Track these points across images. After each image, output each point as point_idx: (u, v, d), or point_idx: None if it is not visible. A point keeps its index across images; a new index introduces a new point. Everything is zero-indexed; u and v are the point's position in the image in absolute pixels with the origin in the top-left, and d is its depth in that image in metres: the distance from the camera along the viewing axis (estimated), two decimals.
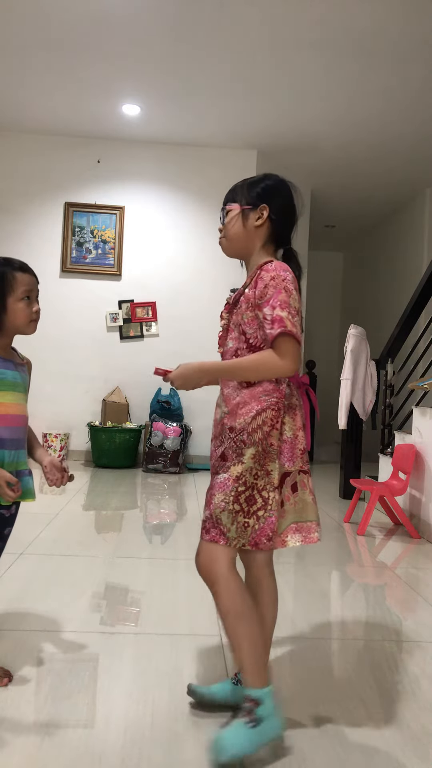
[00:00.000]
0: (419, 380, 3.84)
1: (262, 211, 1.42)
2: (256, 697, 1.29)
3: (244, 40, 3.85)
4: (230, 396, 1.40)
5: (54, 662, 1.69)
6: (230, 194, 1.49)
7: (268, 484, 1.33)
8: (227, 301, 1.52)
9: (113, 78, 4.45)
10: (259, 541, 1.32)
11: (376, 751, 1.35)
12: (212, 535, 1.33)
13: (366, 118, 4.80)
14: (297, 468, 1.38)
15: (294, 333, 1.29)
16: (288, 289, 1.32)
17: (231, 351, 1.42)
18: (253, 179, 1.48)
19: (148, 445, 5.12)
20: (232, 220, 1.46)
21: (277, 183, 1.46)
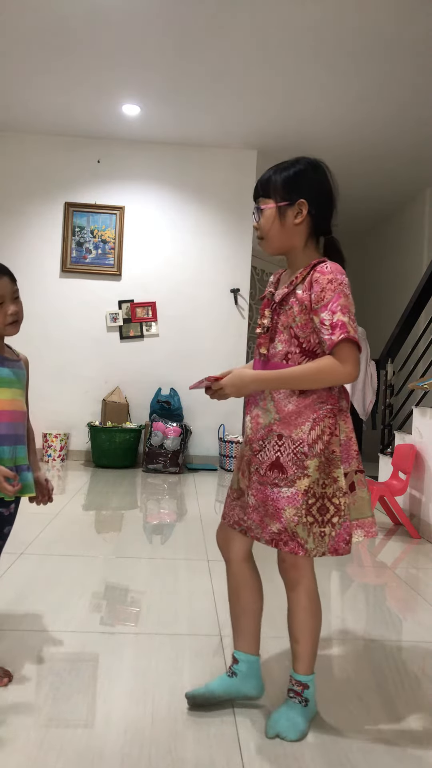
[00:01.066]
0: (419, 380, 3.84)
1: (301, 207, 1.36)
2: (306, 681, 1.43)
3: (244, 40, 3.85)
4: (282, 402, 1.35)
5: (54, 662, 1.69)
6: (262, 188, 1.40)
7: (337, 491, 1.34)
8: (266, 297, 1.45)
9: (113, 78, 4.45)
10: (338, 547, 1.35)
11: (376, 751, 1.36)
12: (291, 546, 1.34)
13: (366, 118, 4.80)
14: (353, 468, 1.39)
15: (356, 339, 1.27)
16: (346, 293, 1.30)
17: (281, 354, 1.36)
18: (284, 166, 1.39)
19: (148, 445, 5.12)
20: (268, 219, 1.38)
21: (310, 168, 1.39)
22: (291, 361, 1.35)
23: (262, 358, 1.41)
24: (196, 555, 2.77)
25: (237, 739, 1.38)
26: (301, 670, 1.44)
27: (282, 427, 1.35)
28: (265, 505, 1.36)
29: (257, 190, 1.42)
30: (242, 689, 1.50)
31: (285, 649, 1.87)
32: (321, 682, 1.65)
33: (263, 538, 1.38)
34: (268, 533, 1.36)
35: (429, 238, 6.14)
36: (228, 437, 5.32)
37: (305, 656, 1.43)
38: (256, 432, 1.40)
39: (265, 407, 1.38)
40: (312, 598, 1.43)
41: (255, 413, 1.41)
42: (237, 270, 5.57)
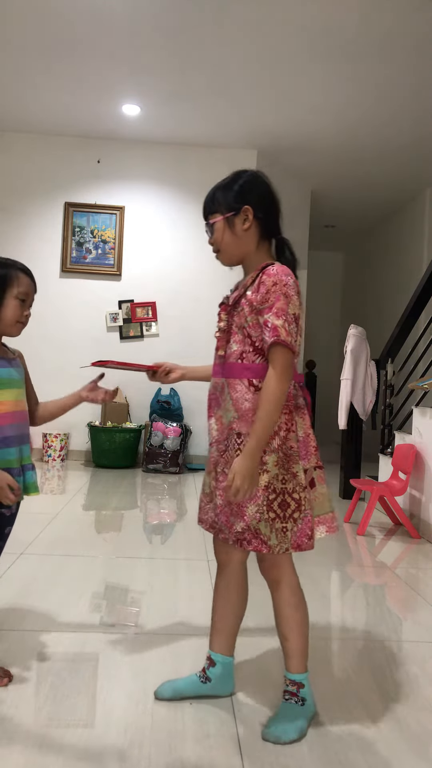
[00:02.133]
0: (419, 380, 3.84)
1: (246, 213, 1.41)
2: (299, 680, 1.44)
3: (245, 40, 3.85)
4: (239, 401, 1.39)
5: (54, 662, 1.69)
6: (208, 205, 1.47)
7: (297, 486, 1.36)
8: (224, 302, 1.51)
9: (113, 78, 4.45)
10: (300, 542, 1.37)
11: (377, 751, 1.36)
12: (254, 545, 1.36)
13: (366, 118, 4.80)
14: (312, 465, 1.41)
15: (287, 342, 1.31)
16: (288, 294, 1.34)
17: (236, 354, 1.40)
18: (225, 182, 1.46)
19: (148, 445, 5.12)
20: (219, 231, 1.45)
21: (250, 178, 1.45)
22: (245, 360, 1.38)
23: (221, 360, 1.45)
24: (196, 555, 2.77)
25: (237, 739, 1.38)
26: (293, 668, 1.44)
27: (240, 425, 1.38)
28: (230, 504, 1.38)
29: (205, 209, 1.48)
30: (213, 692, 1.53)
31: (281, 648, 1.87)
32: (321, 682, 1.65)
33: (230, 539, 1.39)
34: (233, 533, 1.38)
35: (429, 238, 6.14)
36: None
37: (296, 653, 1.44)
38: (221, 433, 1.43)
39: (225, 407, 1.42)
40: (295, 593, 1.45)
41: (218, 414, 1.44)
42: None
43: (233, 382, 1.40)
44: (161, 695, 1.52)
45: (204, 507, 1.52)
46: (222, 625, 1.54)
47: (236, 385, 1.39)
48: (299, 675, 1.44)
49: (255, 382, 1.37)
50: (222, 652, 1.54)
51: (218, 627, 1.54)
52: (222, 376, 1.44)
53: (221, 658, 1.53)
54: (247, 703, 1.52)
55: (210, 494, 1.48)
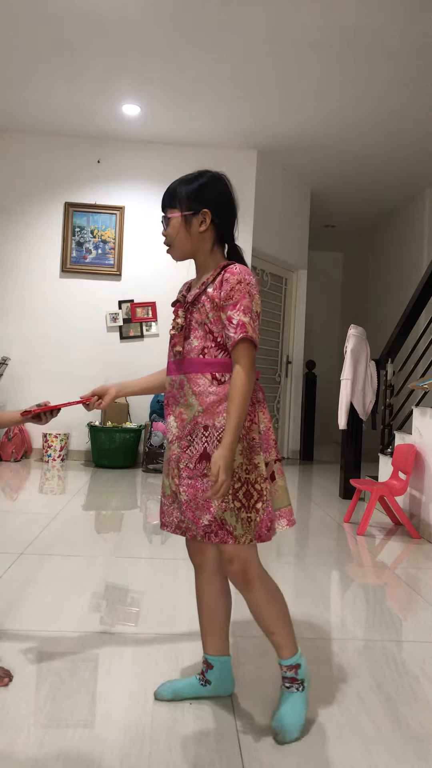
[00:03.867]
0: (419, 380, 3.84)
1: (205, 216, 1.43)
2: (295, 662, 1.44)
3: (245, 40, 3.85)
4: (203, 394, 1.40)
5: (54, 662, 1.69)
6: (168, 199, 1.49)
7: (258, 477, 1.38)
8: (179, 300, 1.52)
9: (113, 78, 4.45)
10: (261, 533, 1.38)
11: (377, 751, 1.35)
12: (221, 536, 1.36)
13: (366, 118, 4.81)
14: (272, 458, 1.44)
15: (253, 339, 1.36)
16: (252, 293, 1.38)
17: (197, 350, 1.42)
18: (188, 179, 1.47)
19: (148, 445, 5.12)
20: (174, 227, 1.47)
21: (212, 181, 1.46)
22: (207, 355, 1.40)
23: (177, 356, 1.46)
24: None
25: (237, 739, 1.38)
26: (286, 654, 1.44)
27: (206, 417, 1.39)
28: (196, 498, 1.38)
29: (164, 201, 1.50)
30: (214, 693, 1.53)
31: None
32: (321, 683, 1.65)
33: (198, 534, 1.39)
34: (201, 527, 1.38)
35: (429, 238, 6.14)
36: None
37: (282, 641, 1.44)
38: (182, 429, 1.43)
39: (186, 403, 1.42)
40: (267, 585, 1.43)
41: (178, 411, 1.45)
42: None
43: (194, 377, 1.41)
44: (161, 696, 1.52)
45: (167, 509, 1.49)
46: (212, 627, 1.53)
47: (198, 380, 1.41)
48: (293, 658, 1.44)
49: (218, 376, 1.39)
50: (217, 654, 1.53)
51: (208, 629, 1.54)
52: (180, 372, 1.45)
53: (217, 659, 1.53)
54: (247, 702, 1.52)
55: (172, 494, 1.46)
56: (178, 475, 1.43)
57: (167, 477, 1.49)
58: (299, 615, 2.13)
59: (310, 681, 1.49)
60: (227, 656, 1.54)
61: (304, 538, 3.38)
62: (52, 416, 1.69)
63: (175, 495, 1.46)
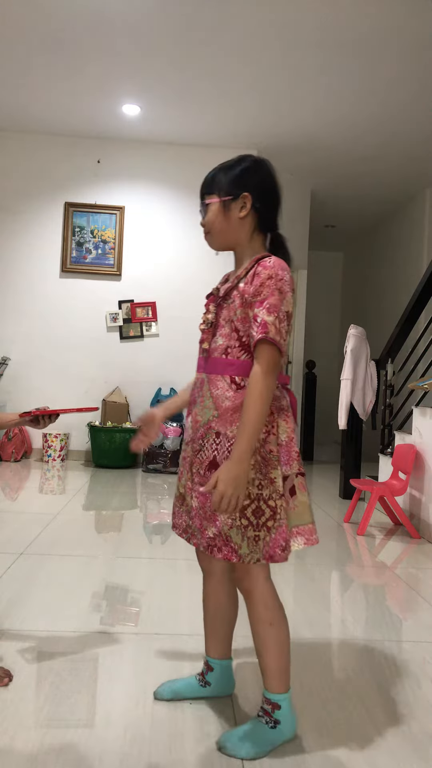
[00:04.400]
0: (419, 380, 3.84)
1: (245, 200, 1.34)
2: (276, 700, 1.34)
3: (244, 40, 3.85)
4: (220, 398, 1.31)
5: (54, 662, 1.69)
6: (207, 185, 1.40)
7: (273, 493, 1.28)
8: (213, 293, 1.44)
9: (113, 78, 4.45)
10: (273, 553, 1.28)
11: (376, 751, 1.35)
12: (224, 553, 1.28)
13: (366, 118, 4.80)
14: (294, 471, 1.33)
15: (276, 341, 1.24)
16: (283, 290, 1.27)
17: (221, 348, 1.33)
18: (228, 164, 1.38)
19: (149, 445, 5.12)
20: (213, 214, 1.37)
21: (254, 165, 1.37)
22: (230, 356, 1.32)
23: (203, 353, 1.39)
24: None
25: None
26: (269, 687, 1.34)
27: (219, 424, 1.30)
28: (204, 508, 1.31)
29: (202, 189, 1.41)
30: (213, 694, 1.52)
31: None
32: (321, 682, 1.65)
33: (202, 545, 1.33)
34: (205, 538, 1.31)
35: (429, 238, 6.14)
36: None
37: (270, 672, 1.34)
38: (196, 431, 1.35)
39: (203, 404, 1.34)
40: (269, 607, 1.33)
41: (194, 411, 1.37)
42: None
43: (214, 378, 1.33)
44: (160, 696, 1.52)
45: (177, 511, 1.44)
46: (215, 631, 1.51)
47: (217, 382, 1.32)
48: (276, 695, 1.33)
49: (237, 379, 1.30)
50: (218, 657, 1.51)
51: (211, 633, 1.52)
52: (204, 371, 1.37)
53: (218, 663, 1.51)
54: (247, 703, 1.52)
55: (181, 496, 1.41)
56: (191, 478, 1.37)
57: (179, 478, 1.44)
58: (299, 615, 2.13)
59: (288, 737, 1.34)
60: (228, 660, 1.53)
61: None
62: (50, 421, 1.68)
63: (184, 497, 1.41)
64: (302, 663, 1.78)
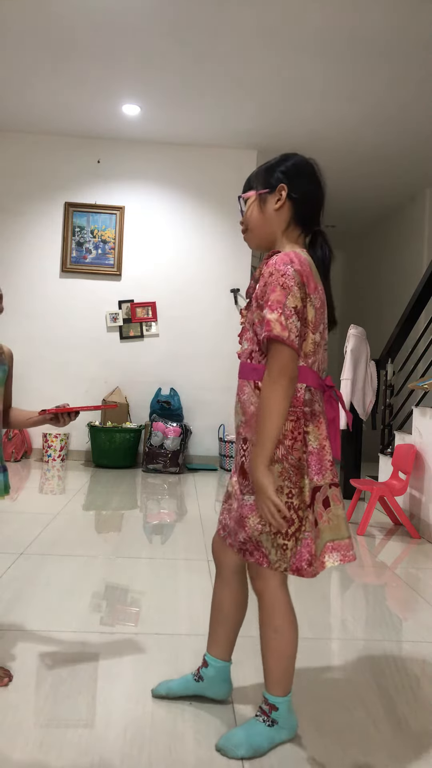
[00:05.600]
0: (419, 380, 3.84)
1: (281, 191, 1.30)
2: (274, 702, 1.34)
3: (245, 40, 3.85)
4: (246, 403, 1.30)
5: (54, 662, 1.69)
6: (247, 183, 1.38)
7: (301, 503, 1.24)
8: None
9: (113, 78, 4.45)
10: (300, 567, 1.25)
11: (377, 751, 1.35)
12: (256, 557, 1.28)
13: (366, 118, 4.80)
14: (327, 481, 1.28)
15: (282, 338, 1.18)
16: (286, 285, 1.20)
17: (246, 353, 1.31)
18: (270, 162, 1.35)
19: (148, 445, 5.12)
20: (250, 208, 1.34)
21: (297, 162, 1.33)
22: (254, 360, 1.28)
23: (239, 357, 1.37)
24: (196, 555, 2.77)
25: None
26: (270, 689, 1.35)
27: (246, 429, 1.30)
28: (238, 511, 1.32)
29: (245, 187, 1.39)
30: (206, 693, 1.50)
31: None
32: (321, 682, 1.65)
33: (235, 547, 1.33)
34: (237, 542, 1.32)
35: (429, 238, 6.14)
36: (228, 437, 5.32)
37: (272, 676, 1.34)
38: (236, 435, 1.38)
39: (235, 409, 1.35)
40: (278, 614, 1.31)
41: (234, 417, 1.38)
42: (237, 270, 5.57)
43: (242, 383, 1.32)
44: (156, 693, 1.52)
45: (223, 507, 1.44)
46: (217, 631, 1.49)
47: (244, 387, 1.31)
48: (276, 698, 1.34)
49: (260, 384, 1.26)
50: (217, 657, 1.49)
51: (211, 629, 1.50)
52: (239, 376, 1.36)
53: (215, 661, 1.49)
54: (248, 704, 1.52)
55: (227, 494, 1.41)
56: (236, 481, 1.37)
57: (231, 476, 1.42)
58: (299, 615, 2.13)
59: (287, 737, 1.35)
60: (226, 662, 1.50)
61: None
62: (70, 419, 1.66)
63: (230, 495, 1.40)
64: (302, 663, 1.78)
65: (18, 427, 1.70)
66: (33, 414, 1.66)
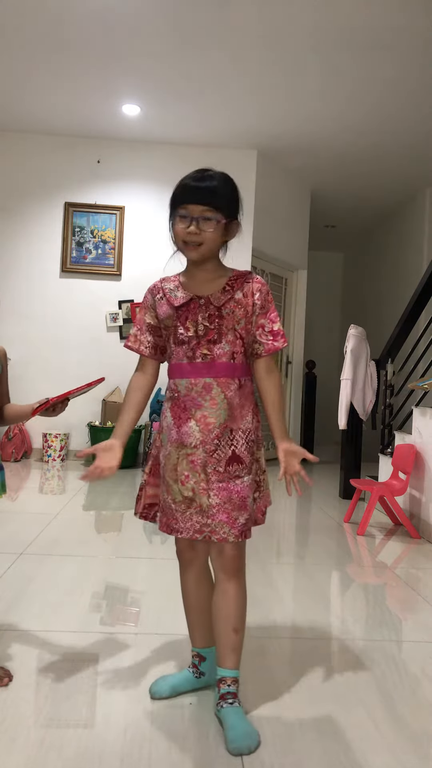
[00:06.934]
0: (419, 380, 3.84)
1: (237, 226, 1.48)
2: (237, 675, 1.46)
3: (244, 40, 3.85)
4: (232, 398, 1.45)
5: (54, 662, 1.69)
6: (216, 198, 1.39)
7: (259, 470, 1.52)
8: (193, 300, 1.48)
9: (113, 78, 4.45)
10: (257, 518, 1.52)
11: (377, 751, 1.35)
12: (250, 532, 1.45)
13: (366, 118, 4.80)
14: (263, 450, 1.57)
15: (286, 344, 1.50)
16: (273, 300, 1.51)
17: (228, 354, 1.45)
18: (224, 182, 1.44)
19: (148, 445, 5.12)
20: (216, 231, 1.42)
21: (235, 186, 1.47)
22: (236, 360, 1.45)
23: (204, 359, 1.43)
24: None
25: None
26: (235, 662, 1.45)
27: (232, 421, 1.45)
28: (231, 500, 1.41)
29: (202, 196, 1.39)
30: (209, 682, 1.56)
31: (286, 650, 1.87)
32: (321, 682, 1.65)
33: (232, 534, 1.40)
34: (237, 527, 1.40)
35: (429, 237, 6.14)
36: None
37: (240, 645, 1.46)
38: (208, 433, 1.42)
39: (215, 407, 1.42)
40: (244, 579, 1.49)
41: (201, 415, 1.42)
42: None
43: (225, 381, 1.43)
44: (159, 694, 1.52)
45: (180, 516, 1.43)
46: (201, 622, 1.56)
47: (229, 384, 1.44)
48: (236, 671, 1.46)
49: (242, 381, 1.47)
50: (207, 645, 1.56)
51: (198, 624, 1.57)
52: (207, 376, 1.42)
53: (208, 651, 1.56)
54: (248, 703, 1.52)
55: (188, 499, 1.42)
56: (206, 479, 1.41)
57: (176, 483, 1.44)
58: (299, 615, 2.13)
59: None
60: (213, 646, 1.55)
61: (304, 538, 3.38)
62: (63, 406, 1.70)
63: (190, 500, 1.42)
64: (302, 663, 1.78)
65: (14, 422, 1.72)
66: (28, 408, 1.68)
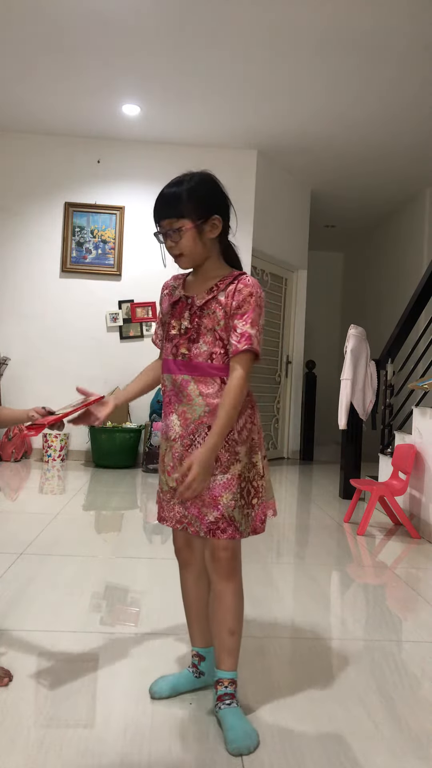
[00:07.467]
0: (419, 380, 3.84)
1: (216, 222, 1.44)
2: (234, 677, 1.46)
3: (245, 40, 3.85)
4: (210, 396, 1.44)
5: (54, 662, 1.69)
6: (171, 209, 1.41)
7: (256, 475, 1.48)
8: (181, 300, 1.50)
9: (113, 78, 4.45)
10: (256, 527, 1.48)
11: (376, 751, 1.35)
12: (229, 533, 1.42)
13: (366, 118, 4.80)
14: (263, 455, 1.52)
15: (257, 351, 1.42)
16: (261, 306, 1.43)
17: (205, 354, 1.45)
18: (191, 185, 1.42)
19: (148, 445, 5.12)
20: (189, 239, 1.42)
21: (211, 182, 1.46)
22: (215, 361, 1.45)
23: (183, 357, 1.47)
24: None
25: None
26: (233, 664, 1.45)
27: (210, 418, 1.44)
28: (202, 496, 1.43)
29: (166, 211, 1.42)
30: (209, 681, 1.56)
31: (286, 650, 1.87)
32: (321, 683, 1.65)
33: (202, 531, 1.43)
34: (205, 524, 1.42)
35: (429, 238, 6.14)
36: None
37: (238, 646, 1.46)
38: (186, 427, 1.47)
39: (191, 402, 1.46)
40: (241, 580, 1.48)
41: (181, 410, 1.48)
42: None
43: (202, 379, 1.45)
44: (159, 694, 1.52)
45: (166, 505, 1.52)
46: (200, 620, 1.57)
47: (207, 382, 1.45)
48: (233, 672, 1.46)
49: (225, 380, 1.45)
50: (207, 645, 1.56)
51: (197, 623, 1.57)
52: (185, 373, 1.46)
53: (207, 650, 1.56)
54: (248, 703, 1.52)
55: (171, 490, 1.50)
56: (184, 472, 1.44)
57: (164, 474, 1.53)
58: (299, 615, 2.13)
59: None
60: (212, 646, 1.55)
61: (304, 538, 3.38)
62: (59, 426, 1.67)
63: (174, 491, 1.49)
64: (302, 663, 1.78)
65: (6, 425, 1.71)
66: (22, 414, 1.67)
